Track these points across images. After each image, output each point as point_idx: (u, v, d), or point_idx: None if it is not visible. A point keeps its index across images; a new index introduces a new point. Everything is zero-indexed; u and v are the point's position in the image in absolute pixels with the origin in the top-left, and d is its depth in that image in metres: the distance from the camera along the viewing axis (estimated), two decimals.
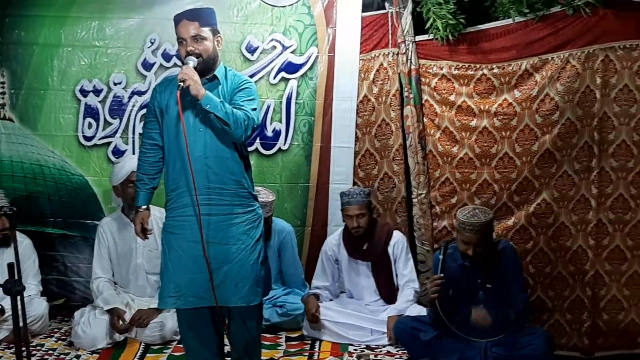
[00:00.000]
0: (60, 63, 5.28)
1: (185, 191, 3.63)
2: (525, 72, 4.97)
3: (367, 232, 4.86)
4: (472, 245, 4.24)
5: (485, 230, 4.25)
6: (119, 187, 4.87)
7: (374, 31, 5.23)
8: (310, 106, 5.29)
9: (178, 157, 3.64)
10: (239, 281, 3.64)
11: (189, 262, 3.62)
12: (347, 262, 5.00)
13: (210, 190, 3.62)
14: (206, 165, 3.62)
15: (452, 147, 5.15)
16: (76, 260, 5.38)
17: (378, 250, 4.91)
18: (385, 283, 4.94)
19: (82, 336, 4.63)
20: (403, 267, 4.91)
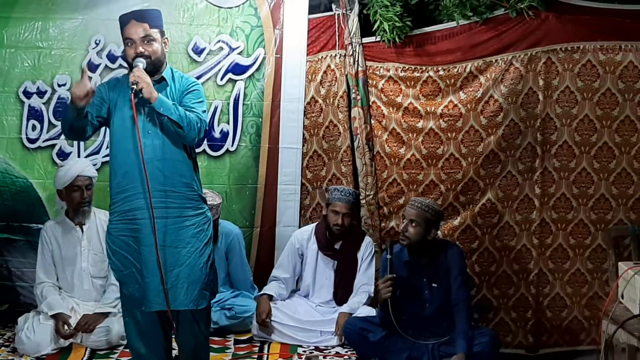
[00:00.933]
0: (2, 64, 5.17)
1: (135, 194, 3.60)
2: (470, 74, 5.03)
3: (342, 233, 4.90)
4: (408, 221, 4.32)
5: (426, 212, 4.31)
6: (64, 191, 4.79)
7: (321, 33, 5.25)
8: (257, 107, 5.28)
9: (127, 159, 3.60)
10: (189, 284, 3.63)
11: (145, 265, 3.60)
12: (313, 258, 5.01)
13: (161, 193, 3.61)
14: (157, 169, 3.60)
15: (400, 148, 5.19)
16: (20, 264, 5.25)
17: (348, 251, 4.95)
18: (344, 285, 4.97)
19: (26, 342, 4.55)
20: (364, 271, 4.95)
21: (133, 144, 3.58)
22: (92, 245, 4.83)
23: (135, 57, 3.59)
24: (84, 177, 4.76)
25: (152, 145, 3.61)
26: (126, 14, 3.69)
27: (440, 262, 4.41)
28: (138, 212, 3.60)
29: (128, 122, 3.61)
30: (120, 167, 3.64)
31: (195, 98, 3.72)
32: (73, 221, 4.83)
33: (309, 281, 5.04)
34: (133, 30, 3.62)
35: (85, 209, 4.81)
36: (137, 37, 3.61)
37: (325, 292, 4.99)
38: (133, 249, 3.64)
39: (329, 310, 4.91)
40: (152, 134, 3.62)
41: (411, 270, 4.40)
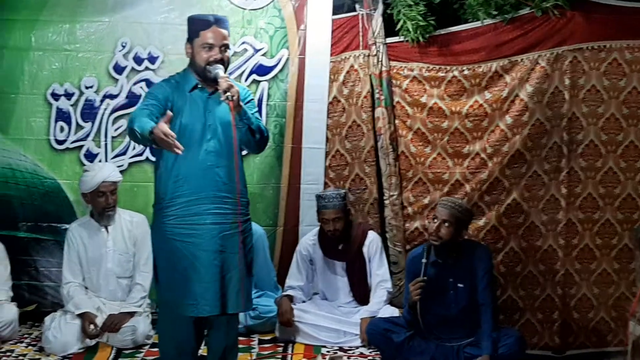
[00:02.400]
0: (31, 67, 5.24)
1: (195, 200, 3.62)
2: (495, 73, 4.99)
3: (342, 233, 4.89)
4: (440, 221, 4.27)
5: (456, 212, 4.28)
6: (89, 196, 4.84)
7: (345, 33, 5.24)
8: (281, 108, 5.29)
9: (189, 164, 3.61)
10: (239, 288, 3.68)
11: (202, 270, 3.62)
12: (322, 262, 5.02)
13: (219, 200, 3.64)
14: (217, 175, 3.63)
15: (425, 147, 5.16)
16: (48, 264, 5.33)
17: (353, 250, 4.94)
18: (359, 283, 4.96)
19: (52, 341, 4.62)
20: (377, 267, 4.94)
21: (196, 150, 3.60)
22: (117, 246, 4.88)
23: (211, 62, 3.58)
24: (108, 183, 4.79)
25: (214, 150, 3.63)
26: (205, 17, 3.68)
27: (466, 262, 4.38)
28: (197, 218, 3.62)
29: (194, 127, 3.61)
30: (181, 171, 3.63)
31: (253, 107, 3.76)
32: (98, 223, 4.88)
33: (325, 285, 5.06)
34: (215, 35, 3.60)
35: (110, 213, 4.84)
36: (218, 43, 3.60)
37: (343, 294, 5.01)
38: (184, 255, 3.64)
39: (351, 310, 4.92)
40: (213, 140, 3.64)
41: (438, 270, 4.38)
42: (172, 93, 3.65)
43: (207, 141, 3.63)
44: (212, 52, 3.60)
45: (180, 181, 3.63)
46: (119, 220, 4.89)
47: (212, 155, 3.63)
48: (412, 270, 4.36)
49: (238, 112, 3.50)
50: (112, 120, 5.30)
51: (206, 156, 3.62)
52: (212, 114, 3.64)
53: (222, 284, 3.64)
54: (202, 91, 3.68)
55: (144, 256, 4.84)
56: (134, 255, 4.91)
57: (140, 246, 4.86)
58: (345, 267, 4.98)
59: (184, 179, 3.63)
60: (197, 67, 3.65)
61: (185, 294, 3.64)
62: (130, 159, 5.31)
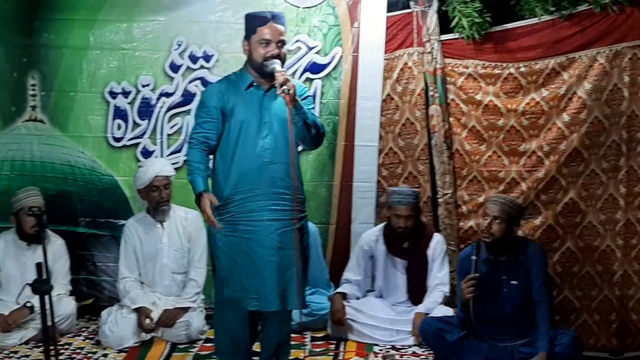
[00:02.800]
0: (89, 65, 5.35)
1: (252, 197, 3.65)
2: (553, 70, 4.91)
3: (410, 232, 4.86)
4: (492, 217, 4.22)
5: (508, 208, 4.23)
6: (143, 191, 4.91)
7: (399, 30, 5.21)
8: (334, 106, 5.30)
9: (246, 161, 3.65)
10: (298, 286, 3.72)
11: (261, 266, 3.66)
12: (383, 259, 4.98)
13: (276, 196, 3.68)
14: (273, 171, 3.66)
15: (480, 145, 5.12)
16: (105, 259, 5.45)
17: (418, 250, 4.90)
18: (418, 283, 4.92)
19: (109, 335, 4.70)
20: (438, 270, 4.89)
21: (253, 147, 3.64)
22: (172, 242, 4.94)
23: (268, 58, 3.61)
24: (161, 177, 4.84)
25: (270, 147, 3.66)
26: (262, 14, 3.72)
27: (520, 259, 4.33)
28: (255, 214, 3.66)
29: (250, 124, 3.65)
30: (238, 168, 3.67)
31: (310, 104, 3.79)
32: (154, 219, 4.95)
33: (381, 283, 5.02)
34: (272, 31, 3.63)
35: (164, 208, 4.90)
36: (275, 38, 3.63)
37: (399, 293, 4.96)
38: (243, 251, 3.68)
39: (405, 309, 4.89)
40: (269, 136, 3.67)
41: (490, 268, 4.33)
42: (225, 94, 3.70)
43: (263, 138, 3.66)
44: (269, 47, 3.62)
45: (238, 178, 3.66)
46: (174, 217, 4.95)
47: (268, 152, 3.65)
48: (464, 269, 4.32)
49: (294, 106, 3.52)
50: (168, 118, 5.38)
51: (262, 153, 3.65)
52: (268, 110, 3.67)
53: (281, 281, 3.67)
54: (257, 89, 3.71)
55: (198, 252, 4.91)
56: (188, 251, 4.96)
57: (195, 242, 4.91)
58: (407, 266, 4.94)
59: (241, 176, 3.66)
60: (254, 63, 3.68)
61: (247, 289, 3.68)
62: (185, 157, 5.33)
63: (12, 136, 5.40)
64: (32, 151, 5.41)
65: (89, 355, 4.60)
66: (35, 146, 5.41)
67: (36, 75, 5.35)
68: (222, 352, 3.95)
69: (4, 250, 4.96)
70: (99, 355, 4.60)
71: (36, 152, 5.41)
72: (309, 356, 4.54)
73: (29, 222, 4.80)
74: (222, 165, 3.72)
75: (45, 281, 3.32)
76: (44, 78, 5.35)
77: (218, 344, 3.97)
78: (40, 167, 5.42)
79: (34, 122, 5.39)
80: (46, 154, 5.42)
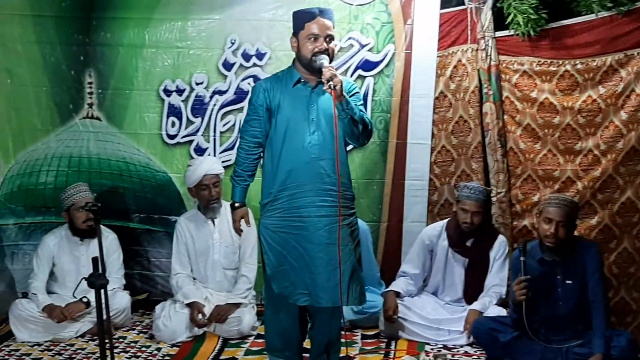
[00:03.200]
0: (144, 64, 5.41)
1: (301, 192, 3.66)
2: (610, 67, 4.84)
3: (474, 230, 4.80)
4: (554, 223, 4.10)
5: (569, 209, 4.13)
6: (194, 190, 4.96)
7: (452, 27, 5.17)
8: (386, 103, 5.28)
9: (294, 157, 3.66)
10: (351, 282, 3.71)
11: (309, 262, 3.67)
12: (443, 255, 4.92)
13: (323, 192, 3.68)
14: (321, 167, 3.66)
15: (535, 143, 5.07)
16: (159, 255, 5.53)
17: (481, 250, 4.84)
18: (475, 283, 4.86)
19: (162, 329, 4.76)
20: (497, 271, 4.82)
21: (300, 143, 3.65)
22: (223, 238, 4.98)
23: (316, 53, 3.61)
24: (210, 176, 4.88)
25: (318, 143, 3.67)
26: (309, 10, 3.73)
27: (574, 258, 4.24)
28: (303, 210, 3.67)
29: (297, 120, 3.66)
30: (286, 164, 3.69)
31: (358, 100, 3.76)
32: (205, 216, 4.99)
33: (439, 278, 4.96)
34: (320, 26, 3.63)
35: (214, 206, 4.94)
36: (323, 33, 3.63)
37: (455, 290, 4.91)
38: (292, 246, 3.69)
39: (458, 309, 4.83)
40: (317, 134, 3.67)
41: (544, 268, 4.25)
42: (271, 91, 3.71)
43: (310, 134, 3.66)
44: (317, 42, 3.62)
45: (285, 175, 3.68)
46: (225, 213, 4.97)
47: (315, 148, 3.65)
48: (517, 270, 4.26)
49: (340, 102, 3.51)
50: (221, 116, 5.43)
51: (310, 149, 3.65)
52: (316, 107, 3.67)
53: (331, 276, 3.66)
54: (305, 85, 3.72)
55: (249, 248, 4.94)
56: (239, 248, 5.00)
57: (245, 238, 4.91)
58: (467, 264, 4.89)
59: (289, 173, 3.67)
60: (303, 59, 3.68)
61: (296, 284, 3.69)
62: None
63: (69, 133, 5.50)
64: (88, 148, 5.50)
65: (142, 349, 4.66)
66: (91, 143, 5.50)
67: (93, 73, 5.43)
68: (272, 348, 3.97)
69: (58, 246, 5.05)
70: (153, 349, 4.66)
71: (92, 149, 5.51)
72: (359, 354, 4.52)
73: (81, 218, 4.91)
74: (270, 161, 3.74)
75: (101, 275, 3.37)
76: (100, 76, 5.44)
77: (268, 340, 3.99)
78: (96, 163, 5.52)
79: (90, 120, 5.49)
80: (102, 151, 5.51)
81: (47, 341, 4.77)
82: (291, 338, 3.89)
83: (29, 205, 5.49)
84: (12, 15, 5.32)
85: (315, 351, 3.97)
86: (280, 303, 3.79)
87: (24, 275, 5.30)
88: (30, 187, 5.49)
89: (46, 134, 5.48)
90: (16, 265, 5.46)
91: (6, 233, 5.46)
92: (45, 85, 5.42)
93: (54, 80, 5.43)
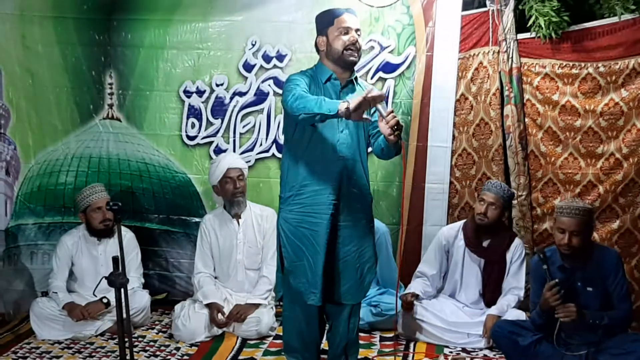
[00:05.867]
0: (165, 65, 5.43)
1: (321, 190, 3.66)
2: (633, 70, 4.78)
3: (491, 229, 4.77)
4: (568, 233, 4.03)
5: (583, 217, 4.03)
6: (218, 185, 4.97)
7: (474, 29, 5.17)
8: (407, 105, 5.26)
9: (323, 154, 3.65)
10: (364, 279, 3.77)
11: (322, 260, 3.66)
12: (460, 256, 4.90)
13: (346, 193, 3.69)
14: (345, 168, 3.67)
15: (556, 147, 5.03)
16: (177, 255, 5.54)
17: (497, 251, 4.81)
18: (493, 285, 4.83)
19: (182, 329, 4.76)
20: (515, 273, 4.79)
21: (329, 140, 3.65)
22: (247, 238, 5.00)
23: (349, 46, 3.62)
24: (234, 169, 4.91)
25: (345, 142, 3.68)
26: (336, 8, 3.75)
27: (595, 265, 4.18)
28: (323, 207, 3.66)
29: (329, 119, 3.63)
30: (313, 160, 3.68)
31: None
32: (230, 213, 5.00)
33: (456, 278, 4.93)
34: (350, 19, 3.66)
35: (239, 199, 4.96)
36: (354, 26, 3.66)
37: (472, 292, 4.88)
38: (310, 243, 3.69)
39: (476, 311, 4.81)
40: (344, 134, 3.68)
41: (565, 275, 4.21)
42: (309, 84, 3.68)
43: (340, 132, 3.66)
44: (349, 35, 3.63)
45: (310, 170, 3.67)
46: (249, 213, 5.00)
47: (343, 146, 3.66)
48: (538, 275, 4.21)
49: (393, 143, 3.51)
50: (241, 117, 5.43)
51: (339, 147, 3.65)
52: None
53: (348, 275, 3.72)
54: (334, 82, 3.72)
55: (271, 249, 4.92)
56: (262, 248, 5.01)
57: (269, 239, 4.95)
58: (484, 265, 4.86)
59: (313, 169, 3.67)
60: (334, 53, 3.67)
61: (310, 282, 3.69)
62: (257, 155, 5.43)
63: (89, 133, 5.52)
64: (108, 148, 5.53)
65: (162, 348, 4.66)
66: (111, 143, 5.53)
67: (113, 74, 5.46)
68: (290, 349, 3.96)
69: (77, 246, 5.07)
70: (172, 349, 4.66)
71: (112, 150, 5.53)
72: (377, 356, 4.51)
73: (97, 218, 4.96)
74: (294, 155, 3.73)
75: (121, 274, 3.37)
76: (121, 77, 5.46)
77: (286, 340, 3.99)
78: (115, 164, 5.53)
79: (110, 120, 5.51)
80: (122, 152, 5.53)
81: (67, 339, 4.79)
82: (309, 339, 3.89)
83: (48, 205, 5.53)
84: (33, 17, 5.35)
85: (333, 353, 3.96)
86: (296, 301, 3.79)
87: (43, 274, 5.33)
88: (50, 187, 5.52)
89: (66, 134, 5.51)
90: (35, 264, 5.49)
91: (25, 232, 5.50)
92: (65, 86, 5.45)
93: (74, 81, 5.45)
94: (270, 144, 5.40)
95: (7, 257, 5.43)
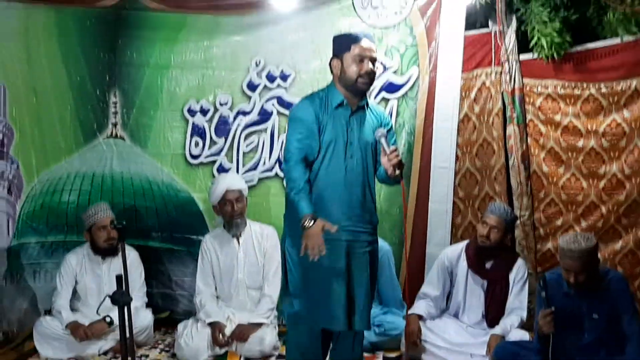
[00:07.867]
0: (169, 84, 5.44)
1: (330, 214, 3.62)
2: (635, 91, 4.78)
3: (493, 251, 4.76)
4: (573, 272, 4.02)
5: (587, 258, 3.99)
6: (218, 206, 4.99)
7: (477, 50, 5.19)
8: (410, 126, 5.28)
9: (330, 179, 3.65)
10: (365, 307, 3.73)
11: (328, 284, 3.66)
12: (463, 277, 4.89)
13: (353, 218, 3.69)
14: (355, 194, 3.68)
15: (558, 167, 5.04)
16: (181, 274, 5.53)
17: (500, 272, 4.80)
18: (496, 306, 4.81)
19: (184, 348, 4.75)
20: (517, 294, 4.77)
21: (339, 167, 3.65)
22: (247, 257, 5.00)
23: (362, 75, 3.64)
24: (232, 191, 4.92)
25: (353, 168, 3.68)
26: (355, 33, 3.78)
27: (601, 291, 4.14)
28: (330, 234, 3.59)
29: (336, 144, 3.66)
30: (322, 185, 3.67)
31: (392, 137, 3.82)
32: (229, 233, 5.00)
33: (459, 299, 4.93)
34: (367, 48, 3.68)
35: (237, 221, 4.97)
36: (369, 55, 3.67)
37: (476, 313, 4.87)
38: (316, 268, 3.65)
39: (480, 332, 4.79)
40: (354, 157, 3.69)
41: (569, 300, 4.17)
42: (318, 111, 3.69)
43: (349, 158, 3.67)
44: (363, 64, 3.64)
45: (319, 196, 3.65)
46: (250, 232, 5.01)
47: (352, 173, 3.67)
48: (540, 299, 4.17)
49: (395, 178, 3.56)
50: (245, 137, 5.44)
51: (348, 174, 3.66)
52: (353, 132, 3.68)
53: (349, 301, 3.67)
54: (346, 108, 3.72)
55: (272, 268, 4.94)
56: (263, 267, 5.00)
57: (270, 258, 4.96)
58: (486, 286, 4.85)
59: (323, 194, 3.66)
60: (347, 80, 3.68)
61: (320, 306, 3.67)
62: (260, 174, 5.43)
63: (93, 152, 5.52)
64: (111, 167, 5.52)
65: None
66: (114, 162, 5.52)
67: (118, 92, 5.46)
68: None
69: (81, 264, 5.08)
70: None
71: (116, 168, 5.53)
72: None
73: (102, 237, 4.97)
74: None
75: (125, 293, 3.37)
76: (125, 95, 5.47)
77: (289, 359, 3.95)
78: (119, 182, 5.53)
79: (114, 139, 5.51)
80: (125, 170, 5.53)
81: (70, 358, 4.79)
82: (313, 359, 3.86)
83: (51, 223, 5.52)
84: (37, 35, 5.37)
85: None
86: (301, 323, 3.78)
87: (46, 292, 5.32)
88: (52, 206, 5.51)
89: (70, 153, 5.51)
90: (38, 283, 5.48)
91: (28, 251, 5.49)
92: (69, 104, 5.46)
93: (78, 99, 5.46)
94: (274, 163, 5.41)
95: (9, 276, 5.43)
